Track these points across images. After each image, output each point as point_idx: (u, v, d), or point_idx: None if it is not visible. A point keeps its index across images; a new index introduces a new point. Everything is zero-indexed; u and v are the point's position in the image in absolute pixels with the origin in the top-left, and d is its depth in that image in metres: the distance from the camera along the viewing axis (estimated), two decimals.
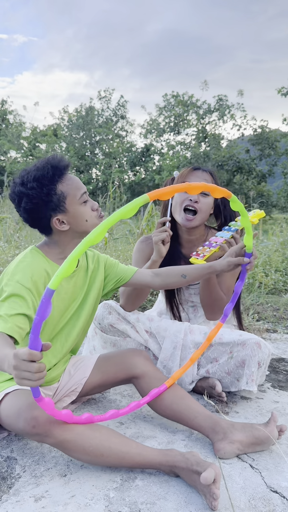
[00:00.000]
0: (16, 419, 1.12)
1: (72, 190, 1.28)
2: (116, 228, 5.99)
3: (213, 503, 1.01)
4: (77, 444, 1.10)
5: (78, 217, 1.30)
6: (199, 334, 1.67)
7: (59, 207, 1.27)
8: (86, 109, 22.66)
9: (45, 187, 1.24)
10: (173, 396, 1.36)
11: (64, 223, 1.30)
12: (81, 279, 1.43)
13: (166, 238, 1.59)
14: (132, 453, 1.13)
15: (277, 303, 3.30)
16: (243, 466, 1.22)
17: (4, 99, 23.52)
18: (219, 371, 1.62)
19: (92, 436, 1.12)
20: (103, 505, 1.03)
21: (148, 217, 5.55)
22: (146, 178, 20.11)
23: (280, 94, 17.65)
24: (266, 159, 20.02)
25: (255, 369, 1.56)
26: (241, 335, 1.60)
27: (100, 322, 1.73)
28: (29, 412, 1.09)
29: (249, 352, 1.56)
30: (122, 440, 1.15)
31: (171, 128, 21.34)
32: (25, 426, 1.09)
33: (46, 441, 1.10)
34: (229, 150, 19.72)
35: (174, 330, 1.68)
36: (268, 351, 1.60)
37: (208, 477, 1.01)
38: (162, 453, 1.14)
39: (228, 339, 1.60)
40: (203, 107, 20.61)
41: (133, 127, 23.79)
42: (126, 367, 1.44)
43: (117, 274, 1.50)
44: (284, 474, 1.18)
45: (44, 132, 23.42)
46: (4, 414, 1.18)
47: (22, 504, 1.03)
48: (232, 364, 1.59)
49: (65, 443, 1.10)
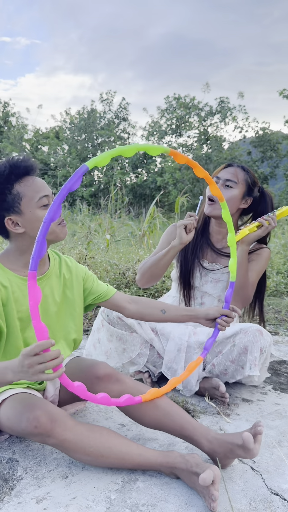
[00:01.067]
0: (18, 420, 1.12)
1: (30, 192, 1.21)
2: (118, 230, 6.00)
3: (212, 505, 1.01)
4: (77, 445, 1.11)
5: (34, 221, 1.21)
6: (203, 334, 1.70)
7: (13, 207, 1.20)
8: (88, 111, 22.70)
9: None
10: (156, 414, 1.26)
11: (19, 225, 1.22)
12: (55, 285, 1.37)
13: (189, 224, 1.62)
14: (133, 454, 1.13)
15: (279, 305, 3.30)
16: (243, 468, 1.22)
17: (6, 102, 23.60)
18: (224, 361, 1.65)
19: (93, 437, 1.13)
20: (104, 507, 1.04)
21: (150, 219, 5.56)
22: (148, 180, 20.11)
23: (282, 96, 17.65)
24: (268, 161, 20.00)
25: (257, 354, 1.59)
26: (243, 325, 1.65)
27: (109, 314, 1.73)
28: (31, 412, 1.10)
29: (251, 338, 1.60)
30: (122, 441, 1.15)
31: (173, 130, 21.35)
32: (27, 426, 1.09)
33: (48, 441, 1.11)
34: (231, 152, 19.71)
35: (178, 332, 1.70)
36: (270, 339, 1.65)
37: (207, 478, 1.01)
38: (163, 455, 1.14)
39: (231, 332, 1.64)
40: (205, 109, 20.63)
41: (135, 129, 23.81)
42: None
43: (97, 291, 1.46)
44: (285, 476, 1.19)
45: (46, 134, 23.47)
46: (5, 418, 1.18)
47: (24, 506, 1.04)
48: (235, 352, 1.62)
49: (66, 443, 1.10)
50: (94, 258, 3.52)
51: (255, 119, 20.29)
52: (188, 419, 1.24)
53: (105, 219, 5.97)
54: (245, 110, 20.44)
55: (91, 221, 6.83)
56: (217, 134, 20.91)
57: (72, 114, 23.90)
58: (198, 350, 1.66)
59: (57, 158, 22.29)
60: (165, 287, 3.25)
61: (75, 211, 9.20)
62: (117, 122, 23.67)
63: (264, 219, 1.70)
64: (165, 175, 19.18)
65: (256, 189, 1.80)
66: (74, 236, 5.25)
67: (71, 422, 1.13)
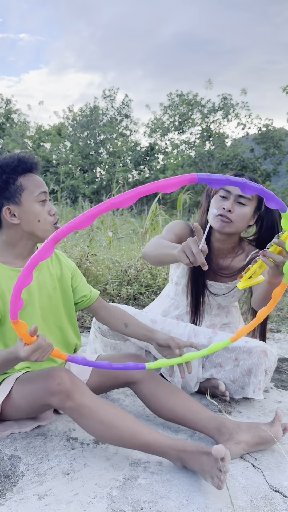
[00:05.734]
0: (39, 385, 1.19)
1: (32, 186, 1.27)
2: (120, 227, 6.00)
3: (221, 477, 1.02)
4: (93, 410, 1.15)
5: (31, 214, 1.27)
6: (203, 337, 1.65)
7: (14, 197, 1.25)
8: (91, 108, 22.67)
9: (5, 174, 1.24)
10: (174, 399, 1.36)
11: (15, 216, 1.27)
12: (47, 278, 1.40)
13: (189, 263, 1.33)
14: (144, 432, 1.16)
15: (281, 303, 3.30)
16: (245, 465, 1.22)
17: (8, 99, 23.59)
18: (224, 378, 1.62)
19: (108, 408, 1.17)
20: (105, 503, 1.04)
21: (152, 216, 5.55)
22: (150, 177, 20.10)
23: (285, 93, 17.58)
24: (270, 158, 19.95)
25: (262, 377, 1.55)
26: (247, 342, 1.59)
27: (100, 326, 1.73)
28: (55, 372, 1.17)
29: (256, 360, 1.55)
30: (135, 420, 1.20)
31: (176, 127, 21.32)
32: (51, 384, 1.15)
33: (66, 403, 1.15)
34: (234, 149, 19.67)
35: (178, 333, 1.66)
36: (275, 358, 1.60)
37: (221, 449, 1.03)
38: (172, 439, 1.17)
39: (234, 345, 1.58)
40: (208, 106, 20.57)
41: (137, 126, 23.77)
42: (125, 371, 1.43)
43: (82, 290, 1.49)
44: (286, 473, 1.19)
45: (48, 131, 23.46)
46: (19, 397, 1.24)
47: (26, 502, 1.04)
48: (238, 372, 1.59)
49: (82, 408, 1.15)
50: (96, 256, 3.52)
51: (258, 115, 20.22)
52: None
53: (107, 217, 5.97)
54: (248, 107, 20.35)
55: None
56: (219, 131, 20.85)
57: (75, 111, 23.86)
58: (196, 351, 1.64)
59: (59, 155, 22.26)
60: (166, 284, 3.25)
61: (77, 208, 9.20)
62: (120, 119, 23.62)
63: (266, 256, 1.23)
64: (167, 172, 19.13)
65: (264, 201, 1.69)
66: (77, 233, 5.26)
67: (89, 390, 1.19)
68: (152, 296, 3.10)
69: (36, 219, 1.28)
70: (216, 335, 1.64)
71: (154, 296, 3.09)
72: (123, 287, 3.13)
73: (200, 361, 1.64)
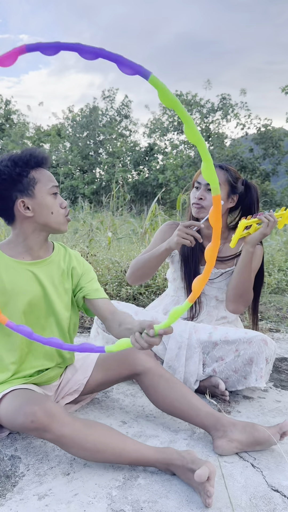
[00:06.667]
0: (16, 415, 1.14)
1: (44, 179, 1.29)
2: (119, 228, 6.00)
3: (207, 501, 1.03)
4: (74, 440, 1.13)
5: (44, 206, 1.29)
6: (204, 333, 1.68)
7: (27, 190, 1.27)
8: (90, 108, 22.68)
9: (19, 167, 1.26)
10: (175, 393, 1.37)
11: (29, 209, 1.28)
12: (55, 273, 1.39)
13: (190, 242, 1.56)
14: (129, 450, 1.15)
15: (280, 302, 3.30)
16: (244, 465, 1.23)
17: (8, 99, 23.60)
18: (226, 370, 1.64)
19: (89, 433, 1.14)
20: (105, 503, 1.05)
21: (152, 216, 5.56)
22: (149, 177, 20.08)
23: (284, 93, 17.59)
24: (270, 158, 19.95)
25: (263, 365, 1.58)
26: (247, 333, 1.62)
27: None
28: (28, 407, 1.12)
29: (256, 349, 1.58)
30: (119, 437, 1.17)
31: (175, 127, 21.32)
32: (24, 420, 1.11)
33: (45, 436, 1.13)
34: (233, 149, 19.68)
35: (179, 330, 1.69)
36: (274, 347, 1.63)
37: (202, 474, 1.02)
38: (159, 451, 1.16)
39: (234, 337, 1.61)
40: (207, 106, 20.58)
41: (136, 126, 23.77)
42: (128, 364, 1.44)
43: (91, 288, 1.44)
44: (285, 473, 1.19)
45: (48, 132, 23.47)
46: (4, 412, 1.20)
47: (26, 502, 1.05)
48: (239, 362, 1.61)
49: (63, 438, 1.12)
50: (95, 256, 3.53)
51: (257, 116, 20.23)
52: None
53: (107, 217, 5.97)
54: (247, 107, 20.36)
55: (93, 218, 6.83)
56: (219, 131, 20.85)
57: (74, 112, 23.86)
58: (198, 348, 1.65)
59: (59, 156, 22.24)
60: (166, 284, 3.25)
61: (77, 208, 9.20)
62: (119, 119, 23.62)
63: (264, 216, 1.60)
64: (167, 173, 19.13)
65: (239, 184, 1.75)
66: (76, 234, 5.26)
67: (68, 418, 1.15)
68: (152, 296, 3.11)
69: (49, 211, 1.30)
70: (216, 330, 1.66)
71: (154, 296, 3.10)
72: (122, 288, 3.13)
73: (201, 358, 1.65)
